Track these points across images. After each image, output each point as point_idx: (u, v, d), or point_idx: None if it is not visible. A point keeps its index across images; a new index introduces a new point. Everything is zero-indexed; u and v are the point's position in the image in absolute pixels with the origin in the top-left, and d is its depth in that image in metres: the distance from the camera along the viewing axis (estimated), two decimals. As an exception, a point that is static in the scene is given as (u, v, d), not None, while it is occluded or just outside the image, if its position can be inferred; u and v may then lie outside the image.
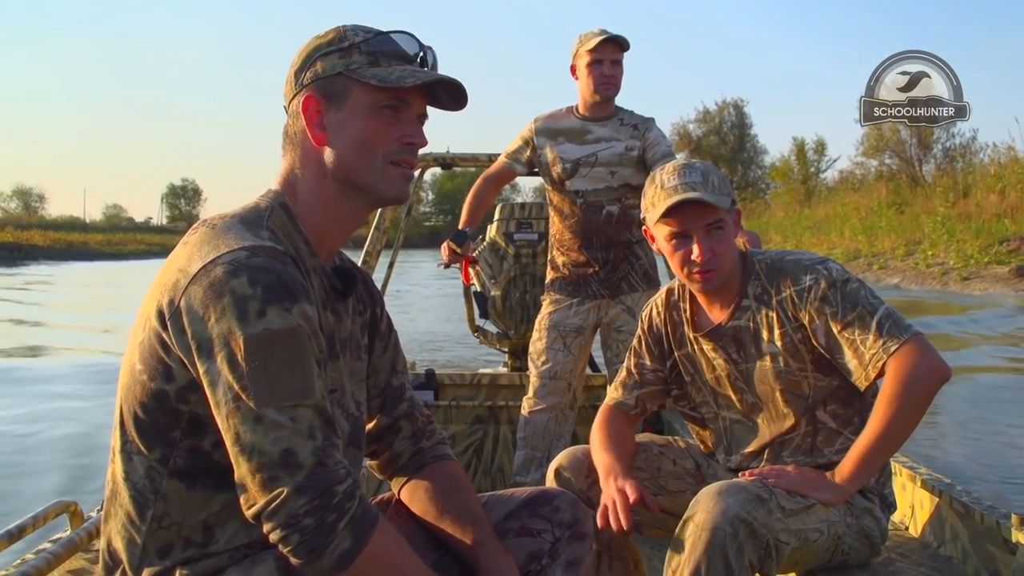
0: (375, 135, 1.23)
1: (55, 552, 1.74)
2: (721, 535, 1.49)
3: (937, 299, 14.63)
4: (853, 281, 1.74)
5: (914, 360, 1.63)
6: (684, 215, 1.74)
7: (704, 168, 1.78)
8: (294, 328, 1.10)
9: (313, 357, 1.12)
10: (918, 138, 29.71)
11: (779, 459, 1.81)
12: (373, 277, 2.75)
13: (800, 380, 1.78)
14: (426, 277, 19.78)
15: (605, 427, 1.92)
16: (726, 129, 44.78)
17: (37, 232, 41.16)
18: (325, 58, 1.24)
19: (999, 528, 1.76)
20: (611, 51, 3.02)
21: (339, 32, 1.26)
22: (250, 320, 1.08)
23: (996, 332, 10.63)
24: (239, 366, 1.07)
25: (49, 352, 9.98)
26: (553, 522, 1.43)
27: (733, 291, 1.83)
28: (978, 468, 4.87)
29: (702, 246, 1.74)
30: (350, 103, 1.23)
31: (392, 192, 1.26)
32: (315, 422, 1.10)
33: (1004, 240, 16.81)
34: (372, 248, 3.59)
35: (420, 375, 3.84)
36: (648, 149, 3.06)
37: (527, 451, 3.16)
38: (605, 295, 3.13)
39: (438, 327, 11.21)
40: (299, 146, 1.26)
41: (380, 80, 1.21)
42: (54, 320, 13.25)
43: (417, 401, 1.51)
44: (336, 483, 1.10)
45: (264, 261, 1.11)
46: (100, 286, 21.76)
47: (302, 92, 1.24)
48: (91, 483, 4.37)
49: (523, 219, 4.46)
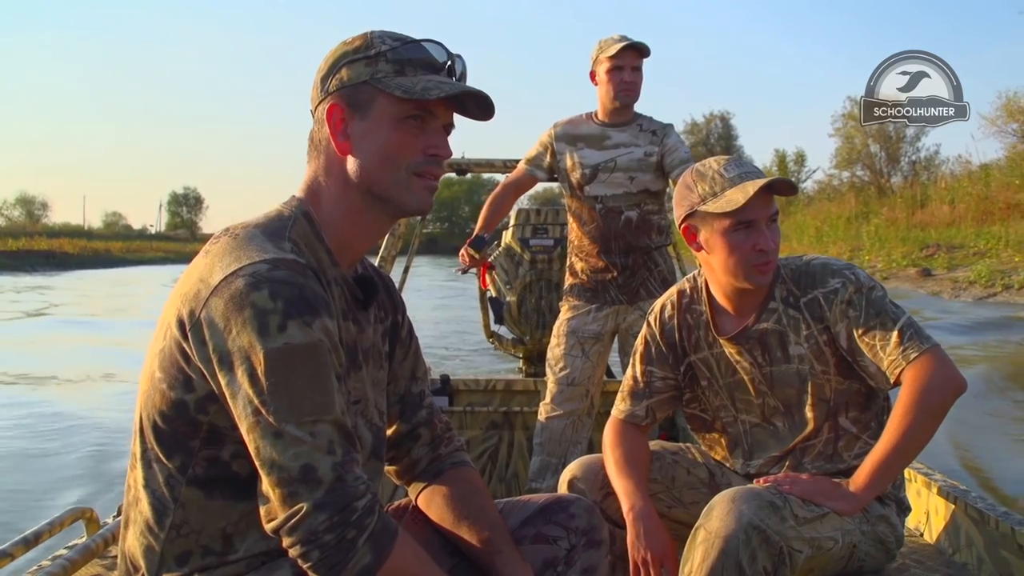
0: (399, 146, 1.22)
1: (71, 558, 1.75)
2: (735, 542, 1.49)
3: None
4: (879, 289, 1.75)
5: (931, 371, 1.63)
6: (753, 204, 1.70)
7: (749, 162, 1.79)
8: (315, 343, 1.10)
9: (333, 372, 1.12)
10: (886, 151, 33.26)
11: (800, 465, 1.80)
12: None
13: (823, 383, 1.78)
14: (427, 284, 19.78)
15: (619, 446, 1.88)
16: (713, 140, 46.48)
17: (66, 240, 42.70)
18: (351, 65, 1.22)
19: (1014, 534, 1.75)
20: (631, 58, 3.03)
21: (367, 39, 1.24)
22: (271, 334, 1.08)
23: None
24: (259, 380, 1.07)
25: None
26: (569, 529, 1.43)
27: (760, 293, 1.81)
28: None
29: (768, 236, 1.72)
30: (375, 112, 1.21)
31: (415, 204, 1.25)
32: (335, 437, 1.10)
33: (924, 247, 20.25)
34: (387, 254, 3.61)
35: (435, 380, 3.84)
36: (667, 155, 3.07)
37: (543, 457, 3.16)
38: (623, 301, 3.14)
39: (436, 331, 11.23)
40: (323, 153, 1.25)
41: (405, 91, 1.19)
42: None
43: (436, 408, 1.51)
44: (356, 499, 1.10)
45: (286, 274, 1.11)
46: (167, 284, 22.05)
47: (327, 99, 1.23)
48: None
49: (539, 225, 4.47)
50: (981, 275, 15.79)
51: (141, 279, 26.82)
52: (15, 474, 4.98)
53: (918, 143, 33.48)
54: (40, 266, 33.36)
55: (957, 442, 5.42)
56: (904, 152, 33.91)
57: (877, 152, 34.09)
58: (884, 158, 34.11)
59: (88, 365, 8.82)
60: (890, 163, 34.17)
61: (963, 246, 18.90)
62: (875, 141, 33.55)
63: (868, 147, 33.88)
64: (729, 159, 1.77)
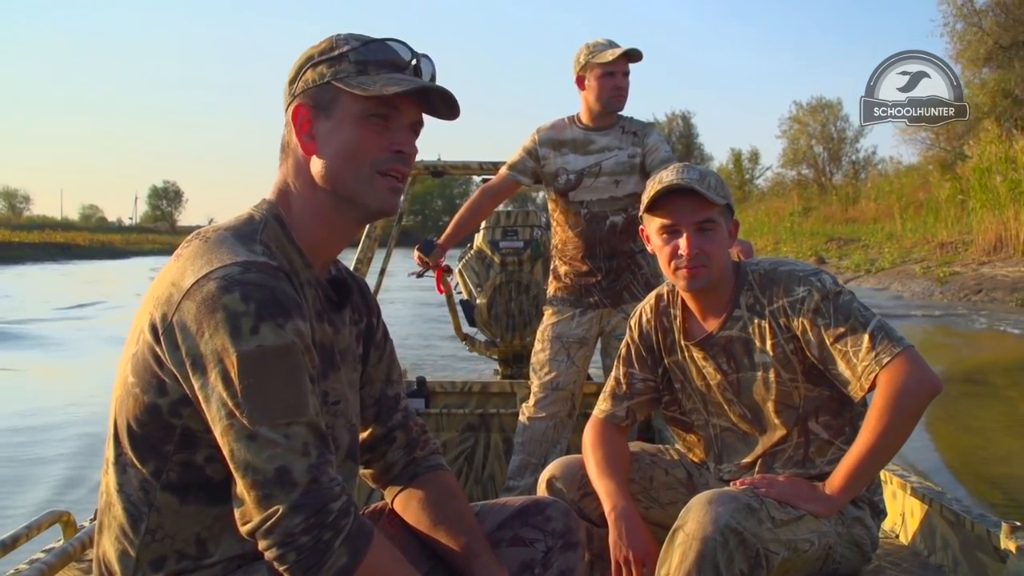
0: (362, 144, 1.22)
1: (48, 562, 1.74)
2: (711, 544, 1.49)
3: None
4: (845, 293, 1.75)
5: (905, 373, 1.63)
6: (676, 209, 1.76)
7: (704, 170, 1.80)
8: (288, 345, 1.10)
9: (307, 373, 1.12)
10: (828, 151, 37.45)
11: (771, 471, 1.81)
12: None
13: (791, 391, 1.78)
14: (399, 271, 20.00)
15: (600, 446, 1.90)
16: (674, 139, 48.95)
17: (77, 234, 48.33)
18: (315, 67, 1.24)
19: (989, 536, 1.76)
20: (623, 63, 3.04)
21: (331, 41, 1.25)
22: (243, 336, 1.08)
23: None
24: (232, 383, 1.07)
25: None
26: (545, 531, 1.43)
27: (725, 300, 1.83)
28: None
29: (691, 240, 1.75)
30: (338, 112, 1.22)
31: (377, 204, 1.24)
32: (309, 439, 1.10)
33: (828, 239, 24.70)
34: (363, 255, 3.59)
35: (411, 383, 3.84)
36: (648, 155, 3.07)
37: (523, 456, 3.17)
38: (607, 304, 3.14)
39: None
40: (292, 156, 1.26)
41: (364, 88, 1.20)
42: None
43: (411, 411, 1.51)
44: (331, 500, 1.10)
45: (257, 277, 1.11)
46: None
47: (294, 101, 1.25)
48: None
49: (508, 227, 4.47)
50: (855, 262, 19.80)
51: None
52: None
53: (856, 144, 37.37)
54: (59, 256, 38.20)
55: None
56: (845, 152, 37.68)
57: (820, 152, 37.78)
58: (827, 157, 37.74)
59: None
60: (832, 162, 37.81)
61: (858, 239, 23.17)
62: (819, 142, 37.35)
63: (812, 148, 37.62)
64: (682, 166, 1.80)
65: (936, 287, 15.16)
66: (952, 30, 24.14)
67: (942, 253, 17.99)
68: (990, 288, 13.95)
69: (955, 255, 17.40)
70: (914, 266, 17.45)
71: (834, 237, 24.70)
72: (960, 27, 24.02)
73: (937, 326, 11.50)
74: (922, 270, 16.76)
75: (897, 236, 20.90)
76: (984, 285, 14.19)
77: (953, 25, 24.12)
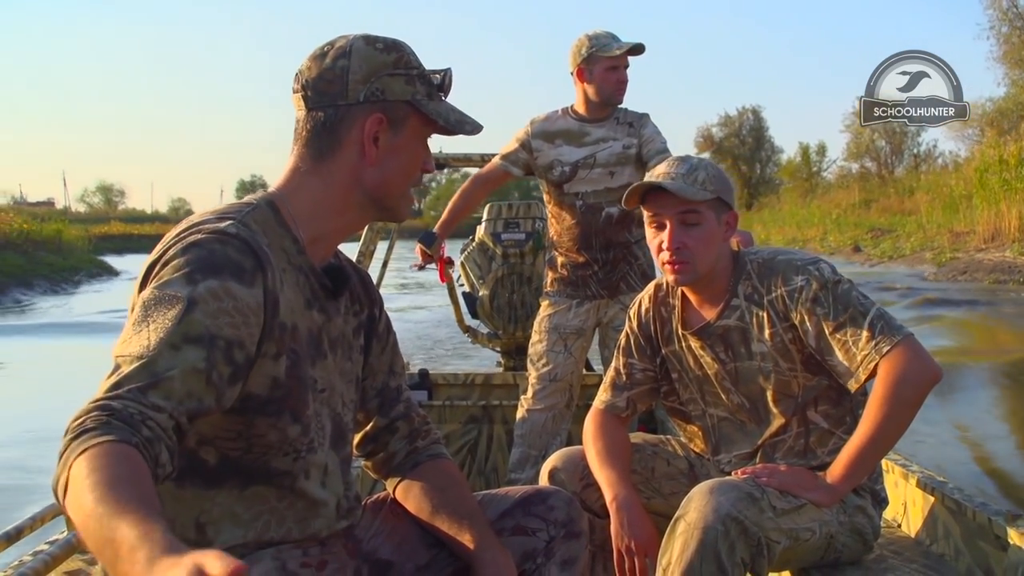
0: (418, 165, 1.31)
1: (52, 553, 1.75)
2: (713, 533, 1.50)
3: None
4: (844, 282, 1.74)
5: (905, 361, 1.63)
6: (658, 201, 1.77)
7: (697, 163, 1.78)
8: (189, 296, 1.07)
9: (201, 328, 1.06)
10: (891, 145, 38.90)
11: (772, 462, 1.80)
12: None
13: (789, 380, 1.78)
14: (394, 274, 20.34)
15: (601, 436, 1.90)
16: (745, 132, 49.80)
17: (149, 226, 48.50)
18: (392, 79, 1.24)
19: (991, 525, 1.77)
20: (627, 58, 3.06)
21: (399, 53, 1.26)
22: (159, 283, 1.09)
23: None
24: (129, 318, 1.09)
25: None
26: (548, 521, 1.44)
27: (722, 289, 1.82)
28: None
29: (672, 234, 1.75)
30: (407, 131, 1.27)
31: (406, 213, 1.35)
32: (135, 376, 1.01)
33: (870, 230, 25.80)
34: (366, 248, 3.60)
35: (414, 375, 3.85)
36: (644, 145, 3.06)
37: (524, 448, 3.17)
38: (604, 295, 3.14)
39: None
40: (337, 151, 1.25)
41: (444, 121, 1.28)
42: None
43: (414, 402, 1.52)
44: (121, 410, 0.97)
45: (205, 239, 1.13)
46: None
47: (363, 107, 1.23)
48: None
49: (510, 219, 4.47)
50: (883, 250, 21.64)
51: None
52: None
53: (918, 138, 38.33)
54: (150, 248, 41.10)
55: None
56: (906, 146, 38.70)
57: (883, 146, 38.88)
58: (888, 151, 38.93)
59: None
60: (894, 155, 39.04)
61: (894, 229, 24.31)
62: (881, 136, 38.38)
63: (874, 142, 38.62)
64: (676, 159, 1.80)
65: (932, 269, 16.88)
66: (998, 33, 25.26)
67: (954, 241, 19.29)
68: (974, 270, 15.64)
69: (963, 243, 18.79)
70: (928, 252, 19.06)
71: (873, 228, 25.95)
72: (1006, 30, 25.11)
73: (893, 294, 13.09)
74: (932, 256, 18.38)
75: (923, 226, 22.18)
76: (971, 268, 15.89)
77: (999, 28, 25.20)
